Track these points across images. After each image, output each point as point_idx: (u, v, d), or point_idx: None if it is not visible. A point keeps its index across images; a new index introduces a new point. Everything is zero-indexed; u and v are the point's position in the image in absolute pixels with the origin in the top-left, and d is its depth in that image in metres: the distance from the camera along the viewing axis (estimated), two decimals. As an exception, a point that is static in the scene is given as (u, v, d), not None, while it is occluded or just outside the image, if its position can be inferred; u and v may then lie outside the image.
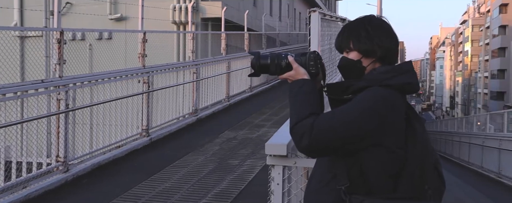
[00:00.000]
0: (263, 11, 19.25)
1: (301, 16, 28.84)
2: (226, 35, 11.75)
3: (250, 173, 6.18)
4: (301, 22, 27.84)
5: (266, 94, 13.83)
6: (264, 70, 1.95)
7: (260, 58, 1.93)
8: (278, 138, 2.38)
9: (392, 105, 1.71)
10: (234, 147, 7.63)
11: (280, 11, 22.70)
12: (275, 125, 9.37)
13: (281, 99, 12.75)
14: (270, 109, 11.29)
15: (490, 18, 52.90)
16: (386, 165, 1.70)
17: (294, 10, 26.56)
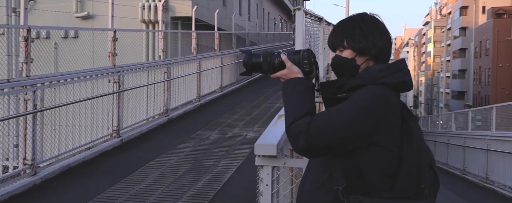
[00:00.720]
0: (232, 10, 19.18)
1: (270, 16, 28.91)
2: (196, 34, 11.62)
3: (226, 174, 6.12)
4: (270, 22, 27.90)
5: (236, 94, 13.77)
6: (256, 69, 1.90)
7: (252, 57, 1.88)
8: (267, 138, 2.33)
9: (388, 103, 1.70)
10: (207, 148, 7.54)
11: (249, 11, 22.68)
12: (248, 125, 9.34)
13: (252, 99, 12.74)
14: (241, 109, 11.24)
15: (451, 20, 54.49)
16: (383, 164, 1.68)
17: (263, 10, 26.59)
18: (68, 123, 6.69)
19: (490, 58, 39.53)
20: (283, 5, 32.16)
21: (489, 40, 40.52)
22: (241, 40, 16.04)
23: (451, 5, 55.53)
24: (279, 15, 31.98)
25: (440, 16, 63.55)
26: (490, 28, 40.14)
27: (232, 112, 10.79)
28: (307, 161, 2.32)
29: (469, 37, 47.22)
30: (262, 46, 19.00)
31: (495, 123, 10.69)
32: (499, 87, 38.33)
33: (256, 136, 8.32)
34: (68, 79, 6.55)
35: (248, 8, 22.76)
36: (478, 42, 43.80)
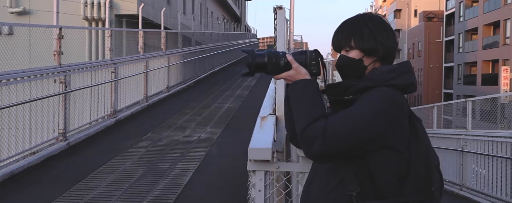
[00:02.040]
0: (177, 9, 18.83)
1: (214, 15, 28.70)
2: (143, 33, 11.26)
3: (184, 177, 5.94)
4: (214, 21, 27.69)
5: (184, 94, 13.51)
6: (261, 70, 1.81)
7: (256, 57, 1.79)
8: (259, 142, 2.24)
9: (400, 105, 1.68)
10: (161, 150, 7.31)
11: (193, 10, 22.36)
12: (200, 126, 9.16)
13: (200, 99, 12.55)
14: (191, 109, 11.03)
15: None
16: (395, 167, 1.65)
17: (206, 9, 26.35)
18: (11, 126, 6.23)
19: (422, 59, 41.59)
20: (226, 4, 32.06)
21: (421, 42, 42.64)
22: (186, 39, 15.77)
23: (386, 8, 57.89)
24: (222, 15, 31.85)
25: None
26: (421, 30, 42.26)
27: (182, 113, 10.56)
28: (301, 165, 2.28)
29: (403, 39, 49.39)
30: (207, 45, 18.80)
31: (436, 121, 11.20)
32: (431, 86, 40.45)
33: (210, 137, 8.20)
34: (11, 80, 6.09)
35: (192, 7, 22.44)
36: (411, 43, 45.97)
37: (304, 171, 2.25)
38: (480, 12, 31.37)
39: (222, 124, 9.27)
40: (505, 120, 11.58)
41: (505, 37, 28.05)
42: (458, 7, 35.67)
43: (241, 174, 6.25)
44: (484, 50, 30.75)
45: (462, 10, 34.73)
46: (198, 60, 16.65)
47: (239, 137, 8.42)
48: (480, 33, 31.70)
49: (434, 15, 43.60)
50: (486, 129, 9.77)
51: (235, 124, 9.42)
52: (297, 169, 2.25)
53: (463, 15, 34.63)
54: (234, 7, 35.30)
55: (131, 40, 11.30)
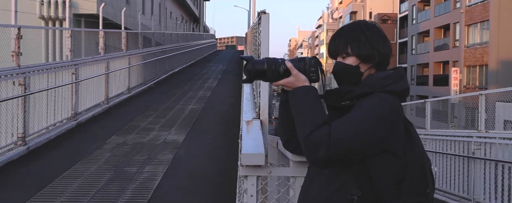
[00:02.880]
0: (136, 9, 18.49)
1: (173, 15, 28.35)
2: (104, 33, 10.99)
3: (153, 181, 5.84)
4: (173, 22, 27.34)
5: (145, 96, 13.28)
6: (260, 77, 1.83)
7: (255, 64, 1.79)
8: (251, 147, 2.24)
9: (397, 110, 1.73)
10: (127, 153, 7.15)
11: (152, 10, 22.01)
12: (164, 128, 9.03)
13: (162, 101, 12.37)
14: (154, 111, 10.85)
15: (342, 24, 57.93)
16: (394, 170, 1.70)
17: (166, 9, 26.00)
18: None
19: (377, 61, 42.65)
20: (185, 4, 31.75)
21: (375, 44, 43.70)
22: (147, 40, 15.50)
23: (342, 10, 59.05)
24: (181, 15, 31.52)
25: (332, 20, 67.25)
26: (376, 32, 43.29)
27: (145, 115, 10.37)
28: (293, 169, 2.30)
29: (358, 40, 50.45)
30: (167, 46, 18.56)
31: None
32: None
33: (175, 139, 8.10)
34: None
35: (151, 7, 22.09)
36: (366, 45, 47.06)
37: (295, 176, 2.27)
38: (432, 16, 32.56)
39: (187, 126, 9.18)
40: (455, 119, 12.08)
41: (455, 39, 29.25)
42: (411, 10, 36.87)
43: (211, 176, 6.24)
44: (436, 52, 31.94)
45: (415, 13, 35.94)
46: (158, 61, 16.42)
47: (205, 139, 8.38)
48: (431, 36, 32.90)
49: (388, 17, 44.90)
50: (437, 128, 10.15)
51: (200, 125, 9.35)
52: (289, 173, 2.27)
53: (416, 18, 35.84)
54: (193, 7, 35.02)
55: (91, 41, 11.00)
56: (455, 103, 13.18)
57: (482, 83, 25.17)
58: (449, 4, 30.10)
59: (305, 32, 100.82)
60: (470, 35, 27.02)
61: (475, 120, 9.23)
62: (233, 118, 9.91)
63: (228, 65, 23.81)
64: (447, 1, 30.63)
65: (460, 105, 12.29)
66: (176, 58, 20.01)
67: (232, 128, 9.01)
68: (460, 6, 27.85)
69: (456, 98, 14.76)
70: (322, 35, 70.70)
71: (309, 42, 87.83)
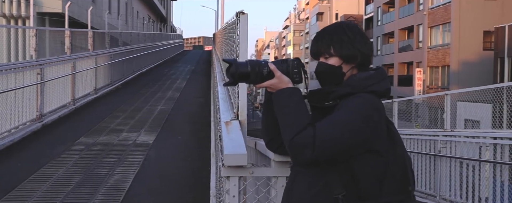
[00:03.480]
0: (102, 8, 18.14)
1: (139, 15, 27.94)
2: (70, 32, 10.73)
3: (125, 183, 5.75)
4: (139, 21, 26.95)
5: (113, 97, 13.05)
6: (244, 79, 1.81)
7: (239, 67, 1.79)
8: (233, 148, 2.22)
9: (380, 110, 1.76)
10: (96, 155, 7.01)
11: (118, 9, 21.63)
12: (134, 129, 8.90)
13: (130, 102, 12.19)
14: (122, 112, 10.67)
15: (309, 24, 58.51)
16: (377, 169, 1.73)
17: (132, 9, 25.59)
18: None
19: (344, 61, 43.27)
20: (152, 4, 31.36)
21: (341, 45, 44.36)
22: (114, 40, 15.23)
23: (309, 11, 59.65)
24: (148, 15, 31.11)
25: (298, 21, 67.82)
26: (342, 33, 43.95)
27: (113, 116, 10.19)
28: (275, 169, 2.31)
29: (325, 41, 51.05)
30: (135, 46, 18.28)
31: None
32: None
33: (146, 140, 8.00)
34: None
35: (118, 7, 21.70)
36: (332, 46, 47.69)
37: (277, 176, 2.28)
38: (396, 17, 33.29)
39: (157, 127, 9.08)
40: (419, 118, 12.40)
41: (418, 41, 30.02)
42: (376, 12, 37.60)
43: (184, 177, 6.19)
44: (400, 53, 32.68)
45: (380, 15, 36.67)
46: (125, 61, 16.17)
47: (176, 140, 8.31)
48: (396, 37, 33.63)
49: (354, 19, 45.60)
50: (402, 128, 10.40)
51: (170, 126, 9.26)
52: (271, 173, 2.27)
53: (380, 19, 36.57)
54: (160, 7, 34.63)
55: (57, 40, 10.72)
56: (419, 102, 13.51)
57: (444, 83, 25.93)
58: (412, 7, 30.86)
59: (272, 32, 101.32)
60: (432, 37, 27.80)
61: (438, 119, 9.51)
62: (202, 119, 9.87)
63: (196, 65, 23.66)
64: (410, 4, 31.40)
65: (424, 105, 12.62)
66: (144, 58, 19.76)
67: (202, 128, 8.97)
68: (423, 8, 28.61)
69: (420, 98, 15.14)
70: (289, 36, 71.23)
71: (276, 43, 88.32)
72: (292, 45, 68.10)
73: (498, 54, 21.23)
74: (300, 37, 65.16)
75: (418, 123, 12.23)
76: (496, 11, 24.27)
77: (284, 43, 77.02)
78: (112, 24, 17.79)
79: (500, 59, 21.15)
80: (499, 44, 21.28)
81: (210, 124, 8.81)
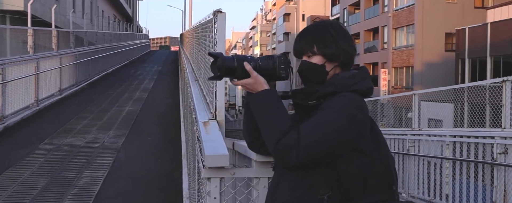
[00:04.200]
0: (66, 6, 17.67)
1: (105, 14, 27.36)
2: (33, 31, 10.38)
3: (94, 186, 5.60)
4: (105, 21, 26.41)
5: (78, 98, 12.71)
6: (229, 74, 1.77)
7: (225, 61, 1.75)
8: (213, 148, 2.18)
9: (364, 109, 1.75)
10: (63, 158, 6.80)
11: (83, 8, 21.11)
12: (102, 130, 8.69)
13: (97, 102, 11.91)
14: (89, 113, 10.41)
15: (276, 25, 58.76)
16: (362, 169, 1.72)
17: (97, 7, 25.03)
18: None
19: (311, 62, 43.70)
20: (117, 3, 30.79)
21: (309, 45, 44.82)
22: (79, 39, 14.85)
23: (275, 12, 59.93)
24: (114, 14, 30.52)
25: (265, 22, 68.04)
26: (309, 34, 44.40)
27: (80, 117, 9.93)
28: (256, 170, 2.27)
29: (292, 41, 51.33)
30: (101, 46, 17.90)
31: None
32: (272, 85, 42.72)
33: (115, 142, 7.82)
34: None
35: (82, 5, 21.18)
36: (299, 46, 48.10)
37: (259, 176, 2.25)
38: (362, 19, 33.87)
39: (125, 128, 8.89)
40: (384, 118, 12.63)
41: (383, 42, 30.63)
42: (342, 13, 38.15)
43: (155, 178, 6.08)
44: (365, 53, 33.24)
45: (346, 16, 37.21)
46: (91, 62, 15.79)
47: (145, 141, 8.17)
48: (361, 38, 34.20)
49: (321, 19, 46.14)
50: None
51: (139, 128, 9.09)
52: (252, 174, 2.24)
53: (346, 20, 37.10)
54: (126, 6, 34.04)
55: (19, 39, 10.36)
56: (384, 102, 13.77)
57: (408, 83, 26.54)
58: (377, 8, 31.46)
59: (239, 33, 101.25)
60: (397, 38, 28.41)
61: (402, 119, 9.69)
62: (172, 119, 9.75)
63: (163, 66, 23.37)
64: (376, 5, 32.00)
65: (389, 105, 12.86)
66: (110, 58, 19.37)
67: (172, 129, 8.87)
68: (388, 10, 29.21)
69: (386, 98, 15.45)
70: (256, 37, 71.36)
71: (243, 43, 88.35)
72: (259, 45, 68.26)
73: (459, 55, 21.90)
74: (267, 38, 65.39)
75: (383, 123, 12.45)
76: (457, 14, 25.04)
77: (251, 43, 77.13)
78: (76, 23, 17.35)
79: (461, 60, 21.83)
80: (460, 46, 21.96)
81: (180, 125, 8.71)
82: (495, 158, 5.57)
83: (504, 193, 5.57)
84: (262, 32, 67.09)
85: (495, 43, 19.93)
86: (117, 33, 24.17)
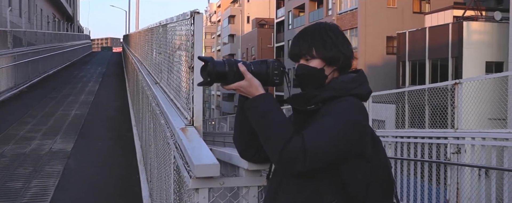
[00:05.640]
0: (1, 4, 16.67)
1: (43, 13, 26.07)
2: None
3: (45, 196, 5.26)
4: (44, 20, 25.17)
5: (19, 101, 12.01)
6: (221, 79, 1.68)
7: (216, 66, 1.65)
8: (201, 157, 2.06)
9: (366, 114, 1.72)
10: (7, 166, 6.36)
11: (20, 6, 20.00)
12: (48, 136, 8.23)
13: (40, 106, 11.30)
14: (32, 118, 9.85)
15: (220, 27, 58.63)
16: (365, 175, 1.69)
17: (36, 6, 23.80)
18: None
19: (256, 64, 43.96)
20: (57, 2, 29.46)
21: (254, 47, 45.11)
22: (17, 39, 14.05)
23: (220, 14, 59.77)
24: (53, 13, 29.18)
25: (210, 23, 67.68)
26: (255, 36, 44.74)
27: (22, 122, 9.36)
28: (246, 179, 2.19)
29: (237, 43, 51.64)
30: (41, 46, 17.04)
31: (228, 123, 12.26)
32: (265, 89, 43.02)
33: (63, 148, 7.44)
34: None
35: (20, 3, 20.06)
36: (244, 48, 48.32)
37: (249, 185, 2.16)
38: (306, 21, 34.45)
39: (73, 133, 8.48)
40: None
41: (328, 44, 31.31)
42: (287, 16, 38.65)
43: (110, 185, 5.82)
44: (311, 56, 33.87)
45: (291, 19, 37.74)
46: (30, 63, 14.99)
47: (96, 146, 7.82)
48: (306, 41, 34.79)
49: (266, 22, 46.55)
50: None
51: (88, 132, 8.70)
52: (242, 183, 2.15)
53: (291, 23, 37.64)
54: (66, 5, 32.66)
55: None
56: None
57: (352, 85, 27.28)
58: (322, 12, 32.14)
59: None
60: (341, 41, 29.14)
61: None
62: (122, 123, 9.43)
63: (107, 67, 22.63)
64: (320, 9, 32.67)
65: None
66: (50, 59, 18.49)
67: (124, 134, 8.57)
68: (332, 13, 29.91)
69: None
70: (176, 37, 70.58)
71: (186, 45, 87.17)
72: (204, 47, 67.80)
73: (400, 58, 22.80)
74: (212, 40, 65.08)
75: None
76: (397, 18, 26.07)
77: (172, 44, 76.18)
78: (14, 22, 16.41)
79: (402, 63, 22.73)
80: (401, 49, 22.87)
81: (132, 129, 8.42)
82: (449, 157, 5.79)
83: (457, 191, 5.80)
84: (207, 33, 66.70)
85: (433, 47, 20.92)
86: (58, 33, 23.13)
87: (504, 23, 19.41)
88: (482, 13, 21.45)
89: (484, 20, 20.40)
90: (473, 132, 5.47)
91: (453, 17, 22.01)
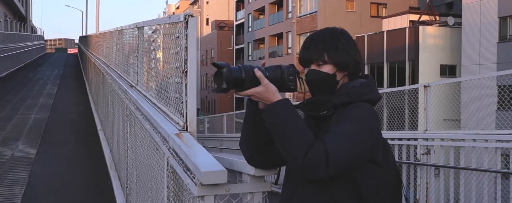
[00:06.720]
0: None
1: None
2: None
3: (13, 205, 5.03)
4: (-4, 20, 24.04)
5: (-28, 105, 11.44)
6: (237, 86, 1.64)
7: (233, 72, 1.62)
8: (207, 164, 2.03)
9: (379, 119, 1.75)
10: (-33, 174, 6.04)
11: (-30, 5, 19.03)
12: (8, 142, 7.87)
13: (-5, 110, 10.81)
14: (-11, 123, 9.40)
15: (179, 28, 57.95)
16: (378, 179, 1.71)
17: (-13, 5, 22.71)
18: None
19: (216, 66, 43.79)
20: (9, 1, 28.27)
21: (214, 49, 44.92)
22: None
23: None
24: (4, 13, 27.94)
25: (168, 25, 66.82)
26: (214, 38, 44.56)
27: (-22, 127, 8.92)
28: (251, 185, 2.17)
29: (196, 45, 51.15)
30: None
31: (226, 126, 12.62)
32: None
33: (26, 154, 7.15)
34: None
35: (-30, 2, 19.09)
36: (204, 50, 48.00)
37: (254, 191, 2.15)
38: (266, 24, 34.68)
39: (36, 138, 8.15)
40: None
41: (288, 47, 31.64)
42: (247, 18, 38.76)
43: (81, 193, 5.63)
44: (270, 58, 34.08)
45: (251, 21, 37.86)
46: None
47: (62, 152, 7.55)
48: (266, 43, 35.02)
49: (225, 24, 46.47)
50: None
51: (52, 137, 8.39)
52: (248, 189, 2.13)
53: (251, 26, 37.77)
54: (18, 4, 31.39)
55: None
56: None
57: (312, 87, 27.66)
58: (282, 14, 32.42)
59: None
60: (301, 44, 29.48)
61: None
62: (87, 127, 9.16)
63: (64, 69, 21.93)
64: (280, 12, 32.95)
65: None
66: (2, 61, 17.72)
67: (89, 138, 8.32)
68: (292, 16, 30.23)
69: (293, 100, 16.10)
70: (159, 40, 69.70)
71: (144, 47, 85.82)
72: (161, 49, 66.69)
73: (360, 61, 23.30)
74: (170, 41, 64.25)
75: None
76: (355, 22, 26.66)
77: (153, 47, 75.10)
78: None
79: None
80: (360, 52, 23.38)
81: (98, 133, 8.19)
82: (419, 158, 5.97)
83: (427, 191, 5.98)
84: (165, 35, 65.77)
85: (390, 50, 21.52)
86: (10, 33, 22.20)
87: (456, 28, 20.24)
88: (436, 18, 22.28)
89: (438, 25, 21.19)
90: (443, 134, 5.66)
91: (409, 22, 22.75)
